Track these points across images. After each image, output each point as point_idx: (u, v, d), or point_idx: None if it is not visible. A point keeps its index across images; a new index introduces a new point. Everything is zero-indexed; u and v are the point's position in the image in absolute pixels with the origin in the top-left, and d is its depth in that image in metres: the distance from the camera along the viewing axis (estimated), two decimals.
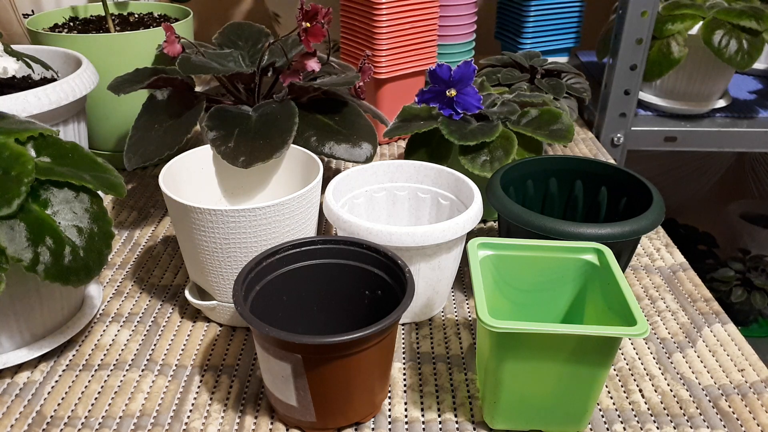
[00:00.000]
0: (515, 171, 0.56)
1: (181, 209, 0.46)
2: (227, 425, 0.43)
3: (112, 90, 0.59)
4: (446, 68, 0.60)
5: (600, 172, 0.56)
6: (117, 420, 0.43)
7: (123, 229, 0.66)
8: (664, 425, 0.44)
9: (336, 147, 0.59)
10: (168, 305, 0.55)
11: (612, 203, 0.56)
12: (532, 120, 0.61)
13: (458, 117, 0.60)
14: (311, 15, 0.56)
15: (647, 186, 0.53)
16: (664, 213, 0.50)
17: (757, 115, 0.94)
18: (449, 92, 0.60)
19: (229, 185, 0.58)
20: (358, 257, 0.46)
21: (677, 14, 0.85)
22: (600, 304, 0.43)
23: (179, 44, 0.60)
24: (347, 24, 0.80)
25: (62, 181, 0.43)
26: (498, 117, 0.61)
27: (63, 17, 0.80)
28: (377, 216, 0.58)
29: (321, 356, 0.38)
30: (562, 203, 0.59)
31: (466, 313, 0.54)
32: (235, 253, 0.47)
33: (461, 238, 0.50)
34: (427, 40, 0.80)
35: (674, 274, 0.60)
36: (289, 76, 0.60)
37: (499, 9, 1.03)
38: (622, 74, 0.84)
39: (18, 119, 0.47)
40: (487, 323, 0.37)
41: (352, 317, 0.47)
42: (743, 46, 0.81)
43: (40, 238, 0.41)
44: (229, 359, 0.49)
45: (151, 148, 0.56)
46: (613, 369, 0.48)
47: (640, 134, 0.90)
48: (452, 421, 0.44)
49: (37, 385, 0.46)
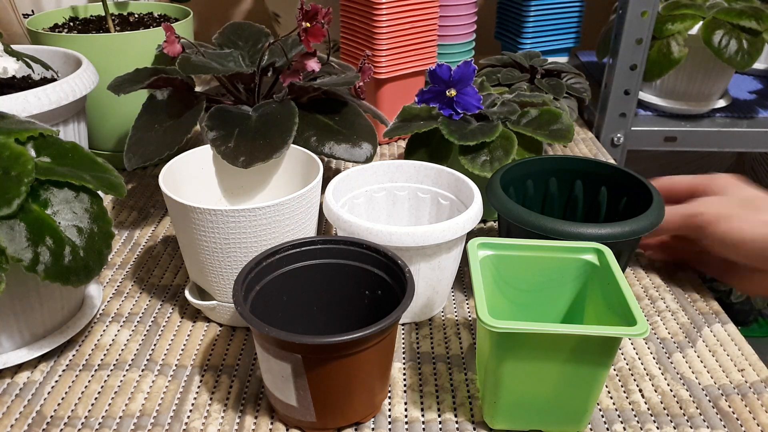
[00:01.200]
0: (515, 171, 0.56)
1: (181, 209, 0.46)
2: (227, 425, 0.43)
3: (112, 90, 0.59)
4: (446, 68, 0.60)
5: (600, 172, 0.56)
6: (117, 420, 0.43)
7: (123, 229, 0.66)
8: (664, 425, 0.44)
9: (336, 147, 0.59)
10: (168, 305, 0.55)
11: (612, 203, 0.56)
12: (532, 120, 0.61)
13: (458, 117, 0.60)
14: (311, 15, 0.56)
15: (647, 186, 0.53)
16: (665, 213, 0.50)
17: (757, 115, 0.94)
18: (449, 92, 0.60)
19: (229, 185, 0.58)
20: (358, 257, 0.46)
21: (677, 14, 0.85)
22: (600, 304, 0.43)
23: (179, 44, 0.60)
24: (347, 24, 0.80)
25: (62, 181, 0.43)
26: (498, 117, 0.61)
27: (63, 17, 0.80)
28: (377, 216, 0.58)
29: (321, 356, 0.38)
30: (562, 203, 0.59)
31: (466, 313, 0.54)
32: (235, 253, 0.47)
33: (461, 238, 0.50)
34: (427, 40, 0.80)
35: (674, 274, 0.60)
36: (289, 76, 0.60)
37: (499, 9, 1.03)
38: (622, 74, 0.84)
39: (18, 119, 0.47)
40: (487, 323, 0.37)
41: (352, 317, 0.47)
42: (743, 46, 0.81)
43: (40, 238, 0.41)
44: (229, 359, 0.49)
45: (151, 148, 0.56)
46: (613, 369, 0.48)
47: (640, 134, 0.90)
48: (452, 421, 0.44)
49: (37, 385, 0.46)
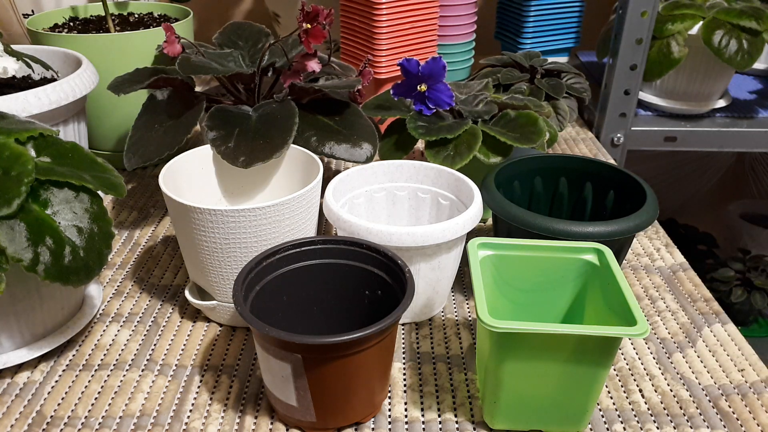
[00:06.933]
0: (506, 171, 0.56)
1: (181, 209, 0.46)
2: (227, 425, 0.43)
3: (112, 90, 0.59)
4: (414, 62, 0.60)
5: (584, 168, 0.57)
6: (117, 420, 0.43)
7: (123, 229, 0.66)
8: (664, 425, 0.44)
9: (336, 147, 0.59)
10: (168, 305, 0.55)
11: (598, 198, 0.57)
12: (508, 122, 0.61)
13: (429, 112, 0.61)
14: (312, 16, 0.56)
15: (634, 179, 0.53)
16: (658, 205, 0.51)
17: (757, 115, 0.94)
18: (420, 87, 0.61)
19: (229, 185, 0.58)
20: (358, 257, 0.46)
21: (677, 14, 0.85)
22: (600, 304, 0.43)
23: (179, 44, 0.60)
24: (347, 24, 0.80)
25: (62, 181, 0.43)
26: (471, 115, 0.61)
27: (63, 17, 0.80)
28: (377, 216, 0.58)
29: (321, 356, 0.38)
30: (547, 201, 0.59)
31: (466, 313, 0.54)
32: (235, 253, 0.47)
33: (461, 238, 0.50)
34: (427, 41, 0.80)
35: (674, 274, 0.60)
36: (290, 77, 0.60)
37: (499, 9, 1.03)
38: (622, 74, 0.84)
39: (18, 119, 0.47)
40: (487, 323, 0.37)
41: (352, 317, 0.47)
42: (743, 46, 0.81)
43: (40, 238, 0.41)
44: (229, 359, 0.49)
45: (151, 148, 0.56)
46: (613, 369, 0.48)
47: (640, 134, 0.90)
48: (452, 421, 0.44)
49: (37, 385, 0.46)
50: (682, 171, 1.48)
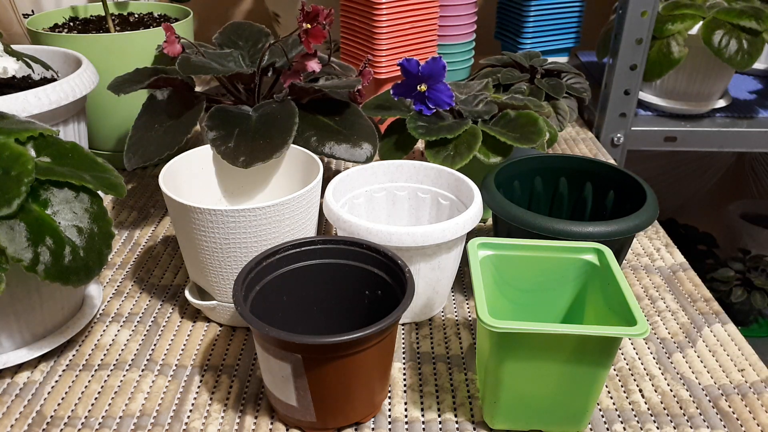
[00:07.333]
0: (506, 171, 0.56)
1: (181, 209, 0.46)
2: (227, 425, 0.43)
3: (112, 90, 0.59)
4: (414, 62, 0.60)
5: (584, 168, 0.57)
6: (117, 420, 0.43)
7: (123, 229, 0.66)
8: (664, 425, 0.44)
9: (336, 147, 0.59)
10: (168, 305, 0.55)
11: (598, 198, 0.57)
12: (508, 122, 0.61)
13: (430, 112, 0.61)
14: (312, 16, 0.56)
15: (634, 179, 0.53)
16: (658, 205, 0.51)
17: (757, 115, 0.94)
18: (420, 87, 0.61)
19: (229, 185, 0.58)
20: (358, 257, 0.46)
21: (677, 14, 0.85)
22: (600, 304, 0.43)
23: (179, 44, 0.60)
24: (347, 24, 0.80)
25: (62, 181, 0.43)
26: (471, 115, 0.61)
27: (63, 17, 0.80)
28: (377, 216, 0.58)
29: (321, 356, 0.38)
30: (547, 201, 0.59)
31: (466, 313, 0.54)
32: (235, 253, 0.47)
33: (461, 238, 0.50)
34: (427, 41, 0.80)
35: (674, 274, 0.60)
36: (290, 77, 0.60)
37: (499, 9, 1.03)
38: (622, 74, 0.84)
39: (18, 119, 0.47)
40: (487, 323, 0.37)
41: (352, 317, 0.47)
42: (743, 46, 0.81)
43: (40, 238, 0.41)
44: (229, 359, 0.49)
45: (151, 148, 0.56)
46: (613, 369, 0.48)
47: (640, 134, 0.90)
48: (452, 421, 0.44)
49: (37, 385, 0.46)
50: (682, 171, 1.48)
